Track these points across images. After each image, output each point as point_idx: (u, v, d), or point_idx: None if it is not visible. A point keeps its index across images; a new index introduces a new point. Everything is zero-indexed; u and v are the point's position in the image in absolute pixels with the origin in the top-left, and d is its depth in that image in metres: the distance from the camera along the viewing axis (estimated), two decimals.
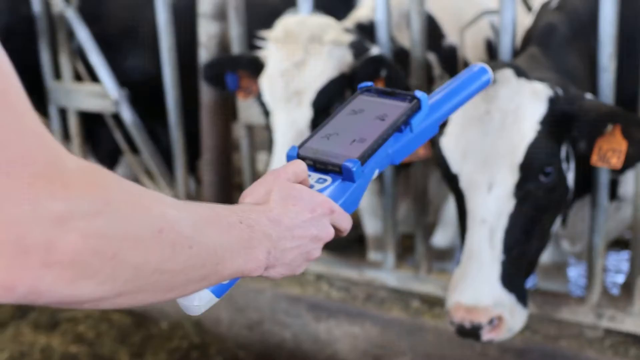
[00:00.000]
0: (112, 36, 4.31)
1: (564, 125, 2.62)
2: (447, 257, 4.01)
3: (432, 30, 3.61)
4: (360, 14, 3.55)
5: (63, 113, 4.41)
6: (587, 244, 3.21)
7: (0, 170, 0.85)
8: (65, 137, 4.44)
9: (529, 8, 4.20)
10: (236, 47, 3.69)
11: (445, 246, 3.99)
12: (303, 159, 1.45)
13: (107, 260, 0.95)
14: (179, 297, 1.21)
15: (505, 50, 3.19)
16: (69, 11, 4.12)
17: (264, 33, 3.27)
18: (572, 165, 2.73)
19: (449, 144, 2.65)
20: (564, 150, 2.66)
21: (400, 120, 1.50)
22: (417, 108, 1.52)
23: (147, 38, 4.22)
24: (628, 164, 2.61)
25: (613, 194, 3.27)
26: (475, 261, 2.57)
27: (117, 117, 4.25)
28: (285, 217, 1.30)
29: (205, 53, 3.82)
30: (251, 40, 3.75)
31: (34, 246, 0.87)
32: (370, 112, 1.53)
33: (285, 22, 3.24)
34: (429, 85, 3.63)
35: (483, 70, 1.70)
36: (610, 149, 2.60)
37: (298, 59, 3.13)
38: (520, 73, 2.61)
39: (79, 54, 4.25)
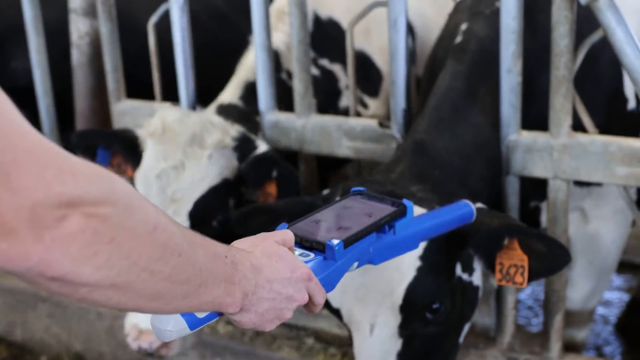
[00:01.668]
0: None
1: (453, 245, 2.22)
2: None
3: (336, 37, 3.13)
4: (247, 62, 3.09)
5: None
6: None
7: (13, 165, 0.98)
8: None
9: None
10: (107, 46, 3.22)
11: None
12: None
13: (105, 244, 1.07)
14: (162, 311, 1.28)
15: (398, 51, 2.71)
16: None
17: (145, 125, 2.83)
18: (477, 265, 2.32)
19: None
20: (459, 268, 2.26)
21: (386, 219, 1.65)
22: (402, 213, 1.68)
23: None
24: (534, 278, 2.21)
25: (536, 223, 2.82)
26: None
27: None
28: (267, 269, 1.40)
29: (77, 53, 3.36)
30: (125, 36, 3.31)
31: (46, 224, 1.00)
32: (358, 209, 1.68)
33: (164, 117, 2.78)
34: (332, 98, 3.17)
35: (466, 205, 2.00)
36: (512, 265, 2.21)
37: (176, 162, 2.69)
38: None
39: None
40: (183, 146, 2.70)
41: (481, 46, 2.63)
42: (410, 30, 3.41)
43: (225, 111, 2.94)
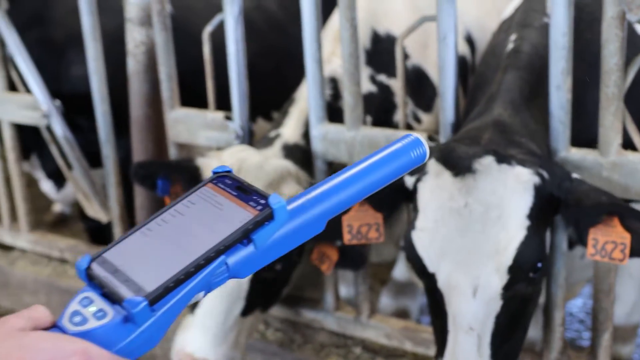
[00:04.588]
0: (57, 42, 3.93)
1: (551, 210, 2.26)
2: (407, 292, 3.56)
3: (394, 53, 3.13)
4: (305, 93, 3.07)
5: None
6: (545, 294, 2.72)
7: None
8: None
9: None
10: (161, 55, 3.27)
11: (405, 280, 3.53)
12: (92, 277, 1.12)
13: None
14: None
15: (447, 66, 2.70)
16: None
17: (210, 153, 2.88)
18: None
19: (422, 240, 2.28)
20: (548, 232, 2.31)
21: (236, 236, 1.12)
22: (267, 219, 1.14)
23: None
24: (633, 256, 2.23)
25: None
26: None
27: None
28: None
29: (133, 62, 3.42)
30: (180, 46, 3.35)
31: None
32: (206, 213, 1.17)
33: (243, 159, 2.81)
34: (388, 113, 3.18)
35: (416, 143, 1.22)
36: (610, 242, 2.22)
37: None
38: (501, 159, 2.23)
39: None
40: None
41: (535, 50, 2.64)
42: (471, 42, 3.40)
43: (291, 152, 2.98)
